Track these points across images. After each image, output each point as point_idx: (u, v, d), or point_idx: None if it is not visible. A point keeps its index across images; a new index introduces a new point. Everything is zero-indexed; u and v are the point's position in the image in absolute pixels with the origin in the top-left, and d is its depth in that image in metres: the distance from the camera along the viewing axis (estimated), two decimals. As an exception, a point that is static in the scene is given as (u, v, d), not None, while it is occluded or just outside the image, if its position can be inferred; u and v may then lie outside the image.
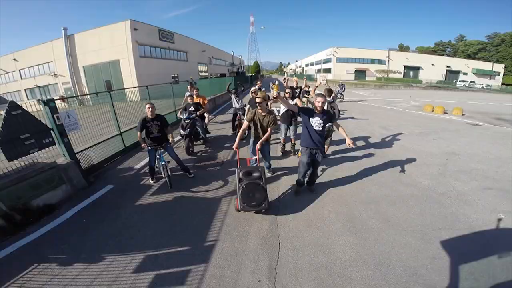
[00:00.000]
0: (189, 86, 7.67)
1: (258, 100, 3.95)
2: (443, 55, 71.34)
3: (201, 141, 7.09)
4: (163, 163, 4.41)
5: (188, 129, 6.00)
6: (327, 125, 3.88)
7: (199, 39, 30.83)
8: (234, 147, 3.96)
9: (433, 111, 12.58)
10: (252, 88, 7.11)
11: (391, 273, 2.58)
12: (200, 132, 6.73)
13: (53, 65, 22.99)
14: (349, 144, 3.62)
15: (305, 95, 8.57)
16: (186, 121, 6.04)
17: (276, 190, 4.33)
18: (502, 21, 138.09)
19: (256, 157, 4.07)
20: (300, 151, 3.91)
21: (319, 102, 3.53)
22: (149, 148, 4.42)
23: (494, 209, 3.71)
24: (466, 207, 3.78)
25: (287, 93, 5.45)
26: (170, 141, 4.57)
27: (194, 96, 6.74)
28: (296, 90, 6.75)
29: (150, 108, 4.28)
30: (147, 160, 5.88)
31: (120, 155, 6.00)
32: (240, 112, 7.65)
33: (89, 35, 21.12)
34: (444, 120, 10.68)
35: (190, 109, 6.26)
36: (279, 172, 5.05)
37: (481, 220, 3.45)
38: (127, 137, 6.33)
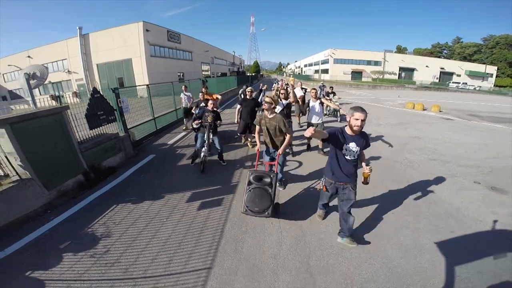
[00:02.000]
0: (183, 87, 8.32)
1: (267, 100, 3.76)
2: (439, 57, 72.58)
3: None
4: (204, 149, 5.02)
5: (199, 126, 6.05)
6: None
7: (198, 38, 31.86)
8: (256, 149, 3.92)
9: (414, 107, 14.16)
10: (248, 88, 7.30)
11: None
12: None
13: (67, 63, 24.39)
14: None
15: (326, 98, 9.17)
16: (196, 119, 6.02)
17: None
18: (502, 23, 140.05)
19: (274, 163, 3.90)
20: (322, 182, 3.03)
21: (357, 120, 2.49)
22: (196, 127, 5.16)
23: (431, 172, 5.25)
24: (411, 170, 5.32)
25: (281, 93, 5.73)
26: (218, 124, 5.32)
27: (204, 94, 7.30)
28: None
29: (212, 104, 5.18)
30: (177, 138, 7.45)
31: (152, 136, 7.51)
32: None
33: (103, 35, 22.52)
34: (420, 115, 12.25)
35: (201, 105, 6.62)
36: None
37: (418, 177, 4.98)
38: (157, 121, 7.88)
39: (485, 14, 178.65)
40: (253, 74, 55.20)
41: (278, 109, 5.47)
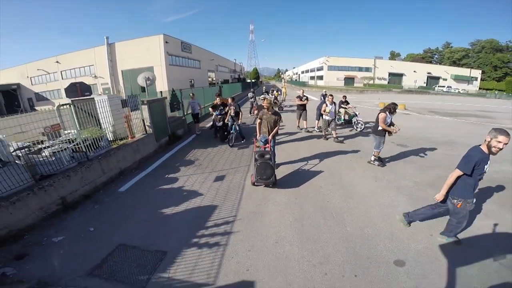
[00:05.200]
0: (191, 94, 9.40)
1: (265, 104, 5.31)
2: (431, 61, 76.20)
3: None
4: (232, 131, 7.90)
5: (222, 122, 8.15)
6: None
7: (197, 44, 34.54)
8: (256, 138, 5.49)
9: (384, 106, 17.68)
10: (261, 96, 9.99)
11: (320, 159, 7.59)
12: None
13: (94, 68, 27.92)
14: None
15: (342, 106, 10.44)
16: (219, 116, 8.17)
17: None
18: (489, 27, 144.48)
19: (267, 146, 5.25)
20: (459, 201, 3.04)
21: (500, 143, 2.65)
22: (219, 125, 8.17)
23: (367, 138, 8.74)
24: (356, 135, 8.87)
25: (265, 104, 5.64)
26: (240, 117, 7.90)
27: (218, 99, 8.79)
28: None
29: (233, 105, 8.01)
30: (210, 123, 10.96)
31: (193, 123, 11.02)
32: (254, 103, 12.96)
33: (128, 45, 26.11)
34: (386, 111, 15.77)
35: (220, 108, 8.38)
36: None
37: (361, 140, 8.51)
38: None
39: (474, 18, 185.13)
40: (253, 80, 59.00)
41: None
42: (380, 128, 5.83)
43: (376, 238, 3.51)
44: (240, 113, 8.02)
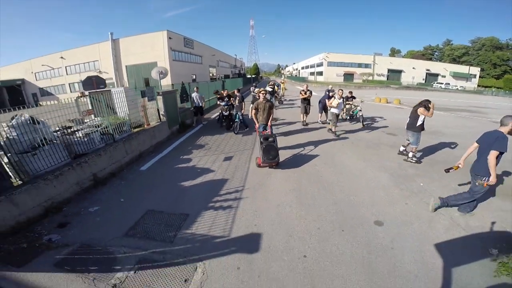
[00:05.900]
0: (195, 88, 9.94)
1: (262, 92, 6.02)
2: (431, 58, 76.02)
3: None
4: (237, 120, 8.75)
5: (228, 112, 9.13)
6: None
7: (199, 39, 34.53)
8: (256, 127, 6.14)
9: (380, 101, 18.44)
10: (256, 90, 10.31)
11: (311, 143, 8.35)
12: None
13: (99, 64, 28.46)
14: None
15: (347, 102, 10.73)
16: (225, 107, 9.16)
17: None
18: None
19: (268, 131, 5.95)
20: (485, 180, 3.46)
21: None
22: (226, 114, 9.12)
23: (361, 128, 9.52)
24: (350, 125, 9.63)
25: (262, 92, 6.23)
26: (243, 109, 8.86)
27: (223, 92, 9.93)
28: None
29: (239, 91, 9.20)
30: (216, 114, 11.71)
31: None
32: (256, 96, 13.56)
33: (132, 40, 26.61)
34: (380, 105, 16.60)
35: (226, 99, 9.35)
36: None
37: (354, 130, 9.27)
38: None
39: (475, 16, 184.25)
40: (253, 76, 59.48)
41: (421, 119, 5.72)
42: (419, 123, 5.80)
43: (360, 204, 4.27)
44: (244, 103, 8.94)
